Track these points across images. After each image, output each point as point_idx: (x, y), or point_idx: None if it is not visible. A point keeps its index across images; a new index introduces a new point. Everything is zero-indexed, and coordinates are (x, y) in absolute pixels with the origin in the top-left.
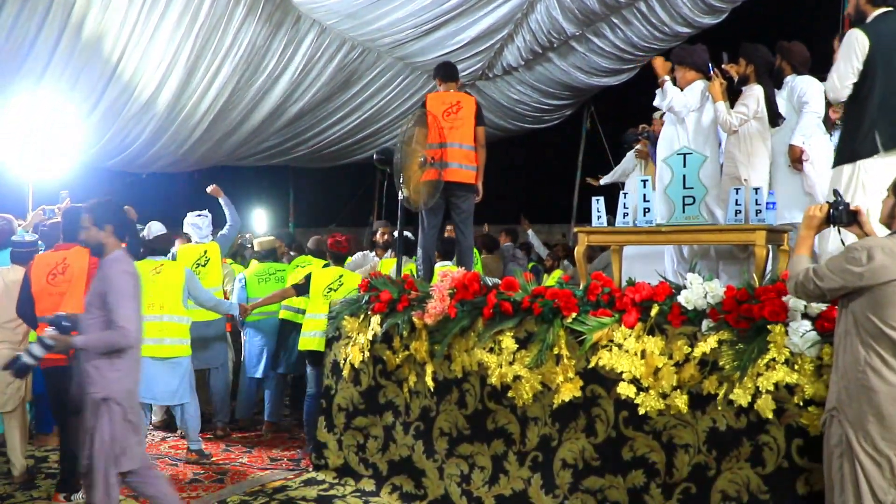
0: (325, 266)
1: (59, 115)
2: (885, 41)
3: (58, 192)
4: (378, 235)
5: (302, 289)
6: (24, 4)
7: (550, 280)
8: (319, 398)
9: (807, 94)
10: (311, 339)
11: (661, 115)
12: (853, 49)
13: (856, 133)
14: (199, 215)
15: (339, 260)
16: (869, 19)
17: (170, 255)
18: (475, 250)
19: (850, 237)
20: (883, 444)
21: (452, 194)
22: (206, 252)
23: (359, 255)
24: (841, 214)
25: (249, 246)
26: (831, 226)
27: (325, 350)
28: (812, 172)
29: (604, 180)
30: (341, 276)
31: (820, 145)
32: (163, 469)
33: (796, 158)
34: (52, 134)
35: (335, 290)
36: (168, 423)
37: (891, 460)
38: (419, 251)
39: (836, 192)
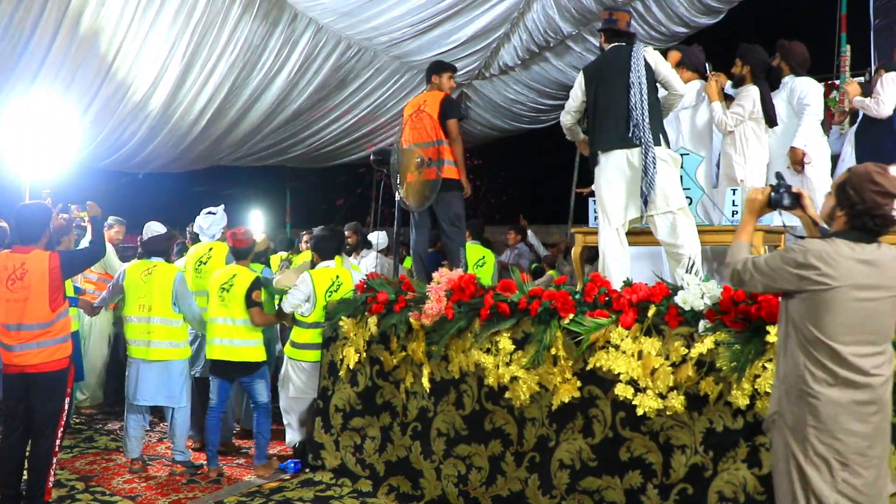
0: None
1: (55, 114)
2: (595, 73)
3: (57, 192)
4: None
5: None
6: (20, 3)
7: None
8: (222, 412)
9: (807, 97)
10: (213, 346)
11: None
12: (575, 84)
13: (591, 146)
14: (208, 213)
15: (239, 256)
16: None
17: (173, 255)
18: (489, 251)
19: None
20: (822, 449)
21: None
22: (210, 250)
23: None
24: (782, 197)
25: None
26: (774, 209)
27: (322, 351)
28: (812, 174)
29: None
30: (234, 276)
31: (819, 147)
32: (159, 470)
33: (798, 161)
34: (48, 133)
35: (227, 291)
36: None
37: (830, 464)
38: (412, 252)
39: (778, 175)
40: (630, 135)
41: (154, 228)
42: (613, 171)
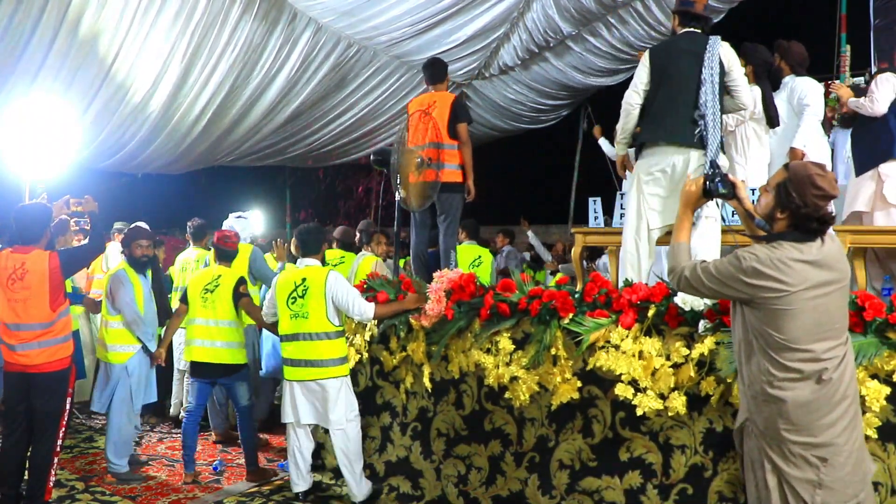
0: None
1: (55, 114)
2: (664, 58)
3: (57, 193)
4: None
5: (184, 298)
6: (20, 4)
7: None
8: (200, 416)
9: (807, 97)
10: (193, 348)
11: None
12: (641, 65)
13: (641, 135)
14: (239, 217)
15: (225, 258)
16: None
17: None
18: (486, 251)
19: None
20: (798, 449)
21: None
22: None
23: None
24: (717, 186)
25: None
26: (710, 199)
27: None
28: None
29: (604, 144)
30: (219, 276)
31: (819, 148)
32: (159, 470)
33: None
34: (48, 134)
35: (211, 292)
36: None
37: (809, 461)
38: (412, 252)
39: (713, 164)
40: (695, 135)
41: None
42: (661, 168)
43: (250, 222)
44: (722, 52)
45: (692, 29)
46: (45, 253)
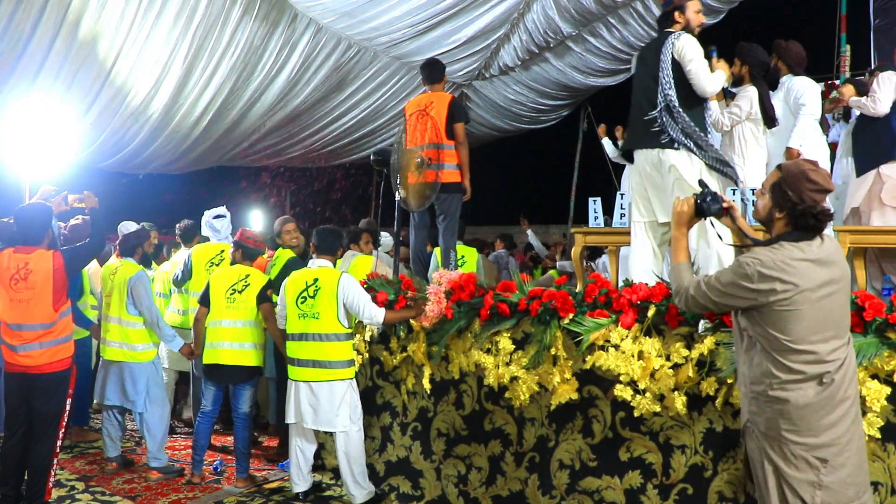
0: (232, 264)
1: (55, 115)
2: (639, 62)
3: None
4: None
5: (204, 299)
6: (20, 4)
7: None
8: (214, 417)
9: (803, 97)
10: (220, 350)
11: None
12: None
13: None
14: (218, 216)
15: (250, 257)
16: None
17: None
18: (472, 250)
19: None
20: (800, 450)
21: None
22: (222, 252)
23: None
24: (709, 206)
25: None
26: (702, 218)
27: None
28: None
29: (607, 144)
30: (248, 276)
31: (816, 147)
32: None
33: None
34: (49, 134)
35: (240, 292)
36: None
37: (810, 462)
38: (411, 252)
39: (702, 183)
40: (660, 137)
41: (128, 227)
42: (639, 164)
43: (229, 220)
44: (674, 45)
45: (660, 31)
46: (49, 252)
